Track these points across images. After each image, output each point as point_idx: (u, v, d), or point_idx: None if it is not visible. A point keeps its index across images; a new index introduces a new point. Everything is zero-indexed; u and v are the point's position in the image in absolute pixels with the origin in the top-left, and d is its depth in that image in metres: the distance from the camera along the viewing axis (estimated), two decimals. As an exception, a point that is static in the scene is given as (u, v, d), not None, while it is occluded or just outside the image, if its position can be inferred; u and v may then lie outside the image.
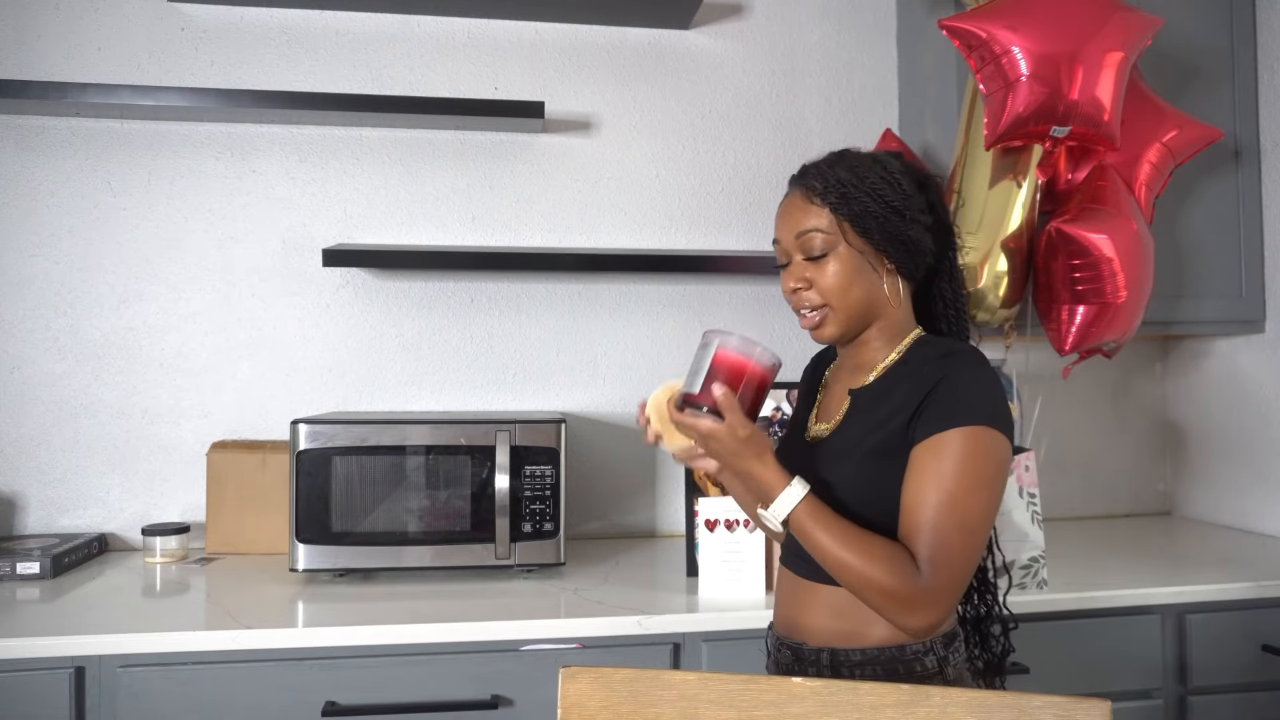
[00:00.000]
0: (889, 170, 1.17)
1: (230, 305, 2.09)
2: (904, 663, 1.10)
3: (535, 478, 1.75)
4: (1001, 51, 1.64)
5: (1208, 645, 1.68)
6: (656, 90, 2.24)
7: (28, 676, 1.40)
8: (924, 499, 1.05)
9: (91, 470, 2.04)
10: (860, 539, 1.05)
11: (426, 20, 2.16)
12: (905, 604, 1.02)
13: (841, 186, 1.15)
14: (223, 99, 1.93)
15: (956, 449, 1.05)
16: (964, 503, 1.03)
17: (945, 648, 1.11)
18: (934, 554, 1.03)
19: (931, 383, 1.09)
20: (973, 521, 1.04)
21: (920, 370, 1.12)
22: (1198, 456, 2.32)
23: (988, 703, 0.92)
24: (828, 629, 1.14)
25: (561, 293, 2.20)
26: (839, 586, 1.10)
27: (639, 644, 1.53)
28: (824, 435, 1.19)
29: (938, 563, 1.02)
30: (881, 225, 1.14)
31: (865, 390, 1.17)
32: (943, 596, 1.03)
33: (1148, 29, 1.71)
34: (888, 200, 1.14)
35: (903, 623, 1.04)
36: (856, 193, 1.15)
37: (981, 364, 1.11)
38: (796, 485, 1.07)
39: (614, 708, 0.98)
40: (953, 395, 1.07)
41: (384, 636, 1.47)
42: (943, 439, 1.05)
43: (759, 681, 0.97)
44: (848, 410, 1.18)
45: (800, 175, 1.22)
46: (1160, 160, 1.86)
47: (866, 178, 1.15)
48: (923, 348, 1.17)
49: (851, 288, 1.15)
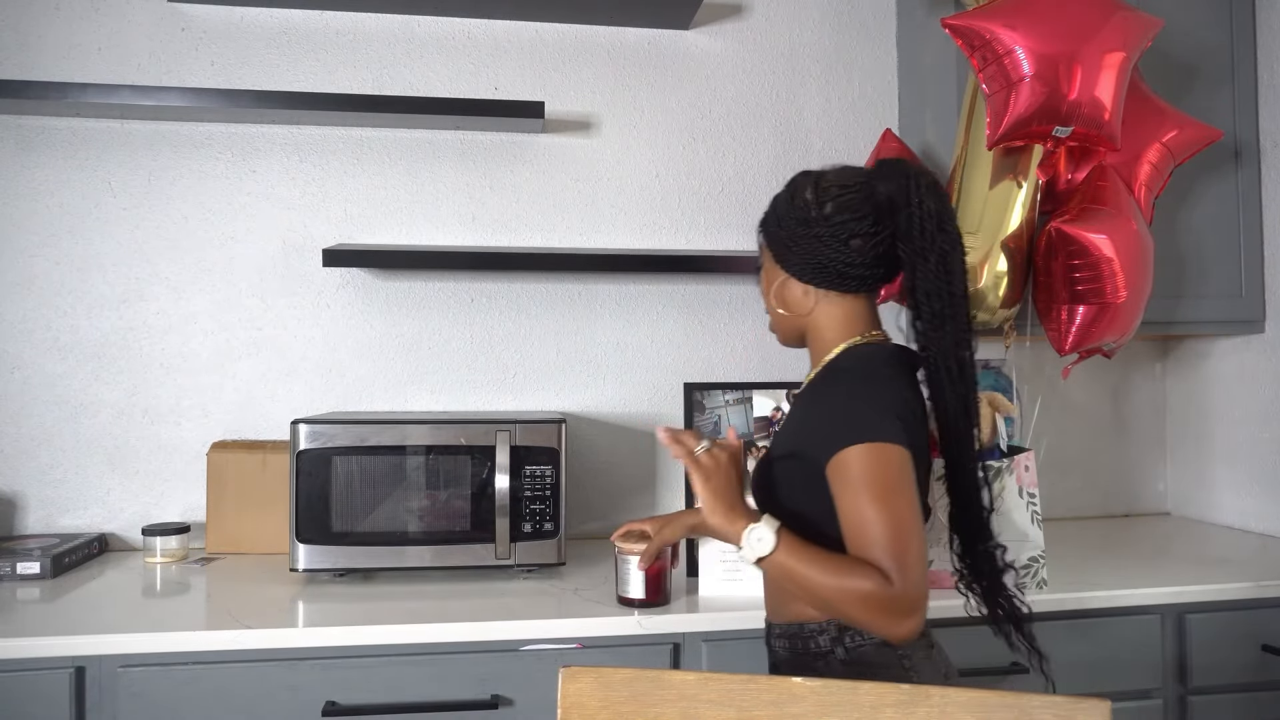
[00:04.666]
0: (818, 187, 1.23)
1: (230, 305, 2.09)
2: (802, 639, 1.21)
3: (535, 478, 1.75)
4: (1004, 51, 1.63)
5: (1208, 645, 1.68)
6: (656, 90, 2.24)
7: (28, 676, 1.40)
8: (857, 519, 1.10)
9: (91, 470, 2.04)
10: (830, 556, 1.10)
11: (426, 20, 2.16)
12: (886, 609, 1.05)
13: (767, 211, 1.28)
14: (223, 99, 1.93)
15: (850, 470, 1.11)
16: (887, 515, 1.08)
17: (840, 630, 1.18)
18: (893, 563, 1.07)
19: (824, 403, 1.19)
20: (903, 525, 1.08)
21: (819, 387, 1.23)
22: (1198, 456, 2.32)
23: (988, 703, 0.92)
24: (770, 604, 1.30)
25: (561, 293, 2.20)
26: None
27: (639, 644, 1.53)
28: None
29: (897, 569, 1.06)
30: (787, 246, 1.24)
31: (796, 398, 1.29)
32: (913, 596, 1.06)
33: (1148, 30, 1.71)
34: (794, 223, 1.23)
35: (890, 629, 1.06)
36: (770, 217, 1.27)
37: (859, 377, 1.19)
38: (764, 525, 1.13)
39: (614, 708, 0.99)
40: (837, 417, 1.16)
41: (384, 636, 1.47)
42: (840, 462, 1.12)
43: (759, 681, 0.97)
44: (784, 416, 1.27)
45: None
46: (1160, 160, 1.86)
47: (780, 203, 1.26)
48: (838, 360, 1.24)
49: (777, 306, 1.28)
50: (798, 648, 1.21)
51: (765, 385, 1.82)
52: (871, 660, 1.17)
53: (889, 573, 1.06)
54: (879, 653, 1.17)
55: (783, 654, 1.25)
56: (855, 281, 1.23)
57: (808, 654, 1.20)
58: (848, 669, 1.17)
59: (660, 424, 2.19)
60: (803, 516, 1.17)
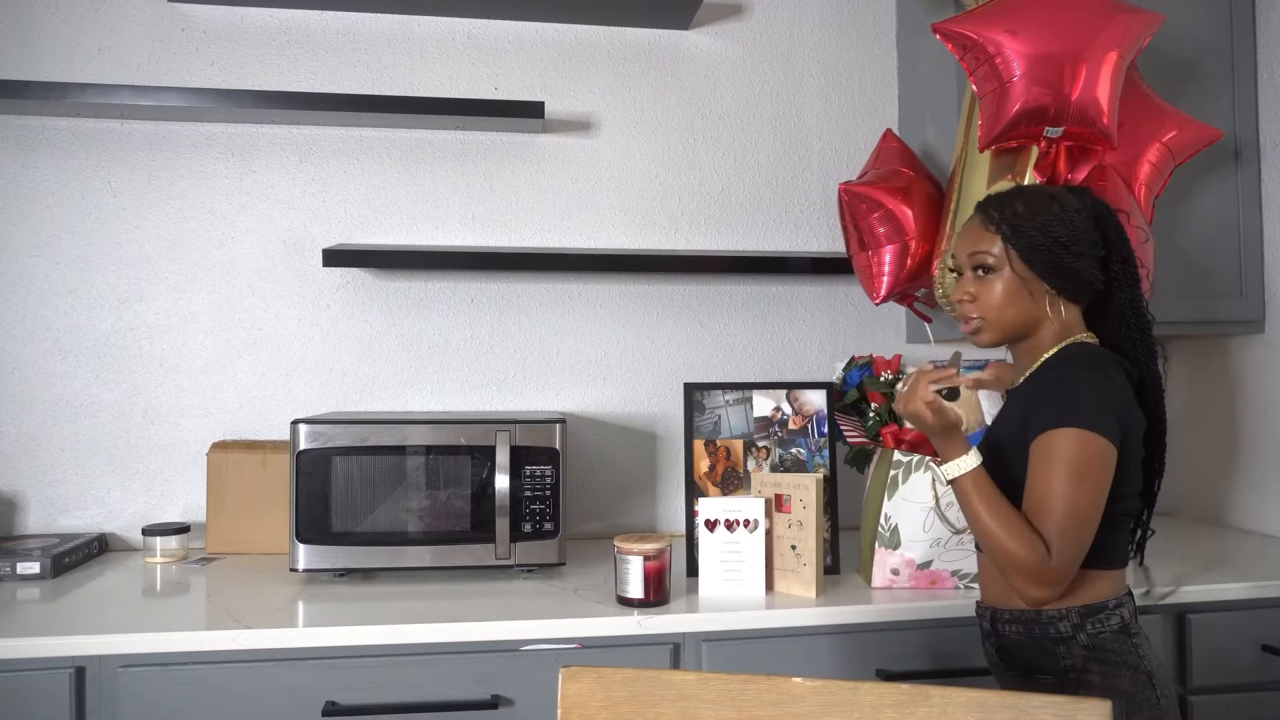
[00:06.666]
0: (1064, 207, 1.31)
1: (230, 305, 2.09)
2: (1040, 624, 1.28)
3: (535, 478, 1.75)
4: (994, 53, 1.64)
5: (1208, 645, 1.67)
6: (656, 90, 2.24)
7: (28, 676, 1.40)
8: (1042, 492, 1.21)
9: (91, 470, 2.04)
10: (1008, 515, 1.22)
11: (426, 20, 2.16)
12: (1033, 577, 1.18)
13: (1015, 219, 1.31)
14: (223, 99, 1.93)
15: (1054, 449, 1.21)
16: (1070, 496, 1.19)
17: (1081, 617, 1.26)
18: (1056, 539, 1.18)
19: (1044, 386, 1.27)
20: (1080, 512, 1.19)
21: (1042, 376, 1.30)
22: (1198, 456, 2.32)
23: (988, 703, 0.92)
24: (991, 590, 1.37)
25: (561, 293, 2.20)
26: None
27: (639, 644, 1.53)
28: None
29: (1059, 546, 1.18)
30: (1044, 256, 1.29)
31: (1014, 391, 1.36)
32: (1061, 574, 1.19)
33: (1145, 28, 1.71)
34: (1054, 235, 1.29)
35: (1026, 592, 1.20)
36: (1027, 226, 1.30)
37: (1087, 369, 1.25)
38: (970, 457, 1.26)
39: (614, 708, 0.99)
40: (1053, 399, 1.24)
41: (384, 636, 1.47)
42: (1046, 439, 1.22)
43: (759, 681, 0.97)
44: (1002, 407, 1.38)
45: (983, 203, 1.37)
46: (1160, 160, 1.86)
47: (1039, 213, 1.30)
48: (1063, 353, 1.31)
49: (1009, 307, 1.32)
50: (1035, 632, 1.28)
51: (765, 385, 1.82)
52: (1110, 646, 1.25)
53: (1050, 546, 1.18)
54: (1116, 639, 1.26)
55: (1016, 638, 1.31)
56: (1090, 294, 1.34)
57: (1047, 638, 1.27)
58: (1090, 653, 1.25)
59: (661, 424, 2.22)
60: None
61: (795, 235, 2.28)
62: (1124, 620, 1.27)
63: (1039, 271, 1.31)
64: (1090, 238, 1.31)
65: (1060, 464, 1.20)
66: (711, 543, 1.64)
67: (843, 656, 1.58)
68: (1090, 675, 1.24)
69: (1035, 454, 1.23)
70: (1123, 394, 1.25)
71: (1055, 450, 1.20)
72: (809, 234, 2.29)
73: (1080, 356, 1.29)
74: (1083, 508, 1.19)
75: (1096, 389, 1.23)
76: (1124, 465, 1.24)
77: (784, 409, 1.81)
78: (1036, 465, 1.22)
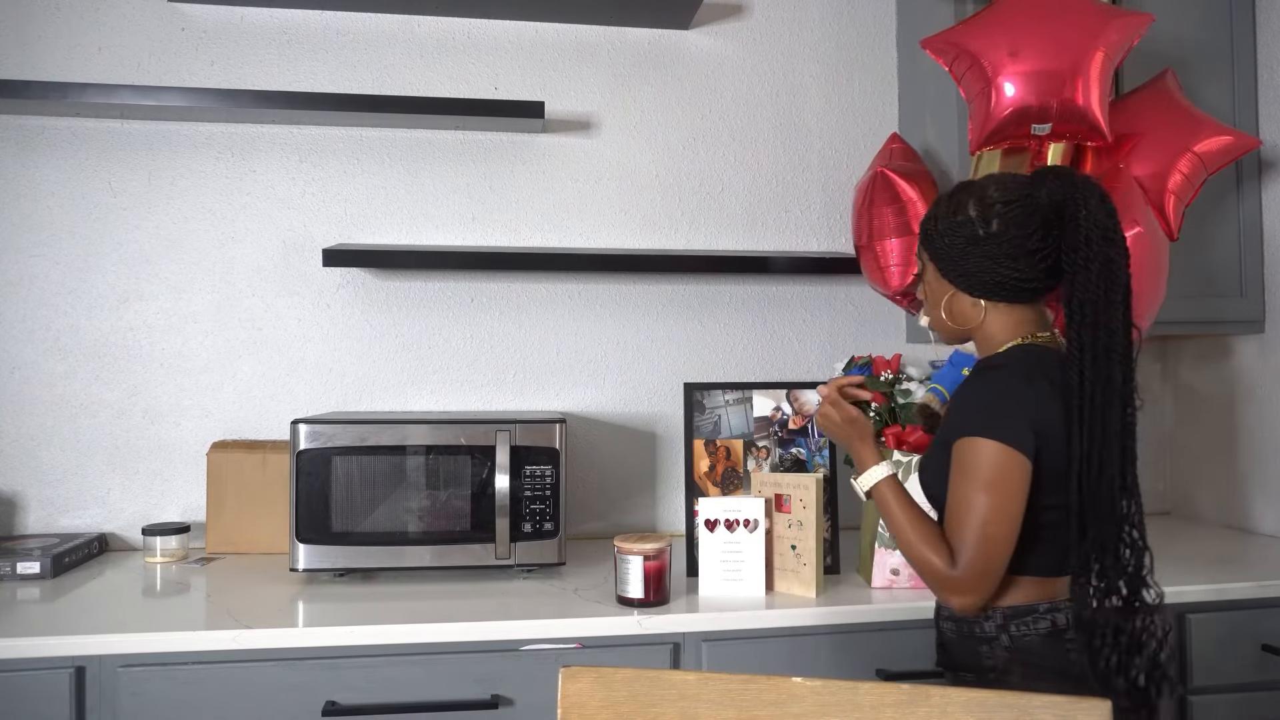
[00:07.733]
0: (984, 200, 1.24)
1: (230, 305, 2.09)
2: (968, 622, 1.27)
3: (535, 478, 1.75)
4: (978, 58, 1.67)
5: (1208, 645, 1.67)
6: (656, 90, 2.24)
7: (28, 676, 1.40)
8: (952, 501, 1.21)
9: (91, 470, 2.04)
10: (919, 523, 1.24)
11: (426, 20, 2.16)
12: (943, 584, 1.20)
13: (926, 222, 1.31)
14: (223, 99, 1.93)
15: (964, 458, 1.20)
16: (977, 506, 1.17)
17: (1006, 619, 1.23)
18: (962, 548, 1.18)
19: (963, 393, 1.27)
20: (988, 521, 1.17)
21: (972, 380, 1.28)
22: (1198, 456, 2.32)
23: (988, 703, 0.92)
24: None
25: (561, 293, 2.20)
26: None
27: (639, 644, 1.53)
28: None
29: (965, 556, 1.18)
30: (956, 260, 1.26)
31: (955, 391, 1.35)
32: (970, 584, 1.18)
33: (1130, 28, 1.70)
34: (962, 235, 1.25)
35: (943, 599, 1.23)
36: (928, 224, 1.30)
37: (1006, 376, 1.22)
38: (881, 467, 1.31)
39: (614, 708, 0.99)
40: (968, 408, 1.23)
41: (384, 636, 1.47)
42: (958, 448, 1.22)
43: (759, 681, 0.97)
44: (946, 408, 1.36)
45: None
46: (1192, 170, 1.83)
47: (947, 214, 1.27)
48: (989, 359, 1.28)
49: (937, 305, 1.32)
50: (964, 630, 1.28)
51: (765, 385, 1.82)
52: (1035, 649, 1.22)
53: (958, 555, 1.18)
54: (1044, 643, 1.22)
55: (950, 635, 1.31)
56: (1027, 293, 1.26)
57: (973, 637, 1.26)
58: (1012, 655, 1.23)
59: (661, 423, 2.22)
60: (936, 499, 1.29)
61: (795, 235, 2.28)
62: (1056, 625, 1.21)
63: (950, 276, 1.28)
64: (1018, 232, 1.21)
65: (969, 474, 1.18)
66: (711, 543, 1.64)
67: (843, 656, 1.58)
68: (1011, 677, 1.21)
69: (952, 461, 1.22)
70: (1042, 403, 1.18)
71: (965, 460, 1.19)
72: (809, 234, 2.29)
73: (1005, 363, 1.23)
74: (990, 517, 1.16)
75: (1010, 398, 1.19)
76: (1045, 476, 1.18)
77: (784, 409, 1.81)
78: (952, 473, 1.22)
